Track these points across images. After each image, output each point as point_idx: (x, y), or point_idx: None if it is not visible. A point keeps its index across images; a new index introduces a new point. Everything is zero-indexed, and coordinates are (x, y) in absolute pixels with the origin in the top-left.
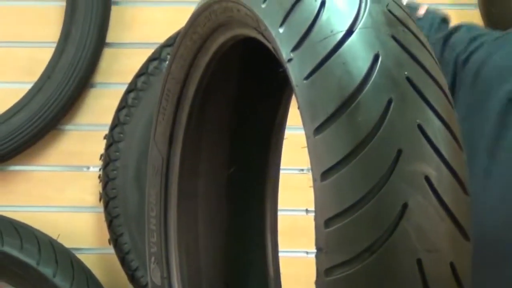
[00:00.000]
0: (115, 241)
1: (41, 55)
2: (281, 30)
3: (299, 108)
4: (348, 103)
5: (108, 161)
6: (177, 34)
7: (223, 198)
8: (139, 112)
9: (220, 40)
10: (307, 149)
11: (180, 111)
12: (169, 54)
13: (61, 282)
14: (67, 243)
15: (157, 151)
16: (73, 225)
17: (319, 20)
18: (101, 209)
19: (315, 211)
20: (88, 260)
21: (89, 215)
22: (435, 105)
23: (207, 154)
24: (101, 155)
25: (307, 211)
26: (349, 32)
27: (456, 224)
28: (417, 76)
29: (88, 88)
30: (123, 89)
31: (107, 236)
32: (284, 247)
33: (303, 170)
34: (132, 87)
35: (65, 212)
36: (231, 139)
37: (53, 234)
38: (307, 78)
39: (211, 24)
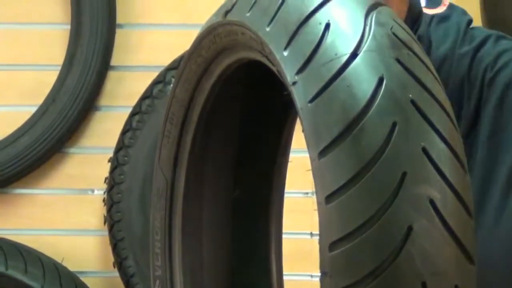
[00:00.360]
0: (120, 264)
1: (46, 78)
2: (286, 53)
3: (303, 131)
4: (352, 126)
5: (112, 184)
6: (181, 57)
7: (228, 221)
8: (143, 135)
9: (224, 63)
10: (311, 172)
11: (184, 134)
12: (173, 77)
13: None
14: (72, 266)
15: (161, 174)
16: (78, 248)
17: (323, 43)
18: (106, 232)
19: (320, 235)
20: (92, 283)
21: (94, 238)
22: (440, 128)
23: (211, 177)
24: (106, 178)
25: (312, 235)
26: (354, 55)
27: (460, 247)
28: (422, 99)
29: (92, 111)
30: (127, 112)
31: (112, 259)
32: (288, 271)
33: (307, 193)
34: (136, 110)
35: (70, 235)
36: (235, 162)
37: (58, 257)
38: (311, 101)
39: (216, 47)
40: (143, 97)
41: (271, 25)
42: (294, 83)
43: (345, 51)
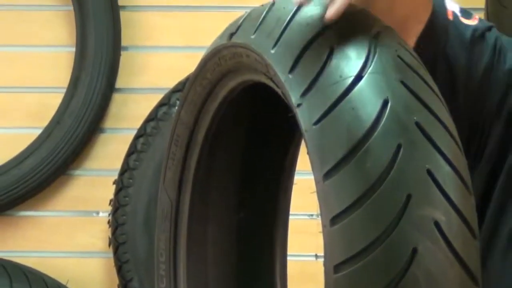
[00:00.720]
0: (125, 286)
1: (51, 100)
2: (291, 75)
3: (308, 153)
4: (357, 148)
5: (117, 206)
6: (186, 79)
7: (233, 243)
8: (148, 157)
9: (229, 85)
10: (316, 194)
11: (189, 156)
12: (178, 99)
13: None
14: None
15: (166, 196)
16: (83, 270)
17: (328, 65)
18: (111, 255)
19: (325, 257)
20: None
21: (99, 261)
22: (444, 150)
23: (216, 199)
24: (111, 200)
25: (317, 257)
26: (359, 77)
27: (465, 269)
28: (426, 121)
29: (97, 133)
30: (132, 134)
31: (117, 281)
32: None
33: (312, 215)
34: (141, 133)
35: (75, 257)
36: (240, 184)
37: (63, 279)
38: (316, 123)
39: (221, 69)
40: (148, 120)
41: (276, 48)
42: (299, 105)
43: (350, 74)
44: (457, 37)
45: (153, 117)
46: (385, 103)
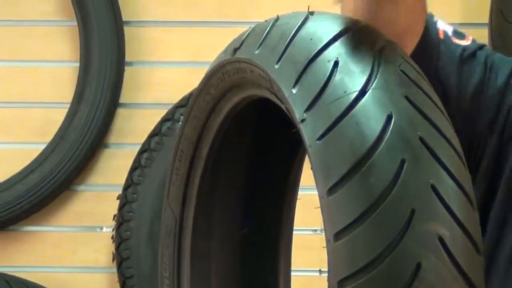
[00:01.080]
0: None
1: (55, 115)
2: (294, 90)
3: (312, 168)
4: (361, 163)
5: (121, 221)
6: (190, 94)
7: (236, 258)
8: (152, 172)
9: (233, 100)
10: (320, 209)
11: (193, 171)
12: (182, 114)
13: None
14: None
15: (170, 211)
16: (86, 285)
17: (332, 80)
18: (114, 270)
19: (329, 272)
20: None
21: (102, 276)
22: (448, 165)
23: (220, 214)
24: (114, 216)
25: (321, 272)
26: (362, 92)
27: (469, 284)
28: (430, 136)
29: (101, 148)
30: (136, 150)
31: None
32: None
33: (316, 230)
34: (145, 148)
35: (78, 272)
36: (244, 199)
37: None
38: (320, 138)
39: (224, 85)
40: (152, 135)
41: (279, 63)
42: (302, 121)
43: (354, 89)
44: (447, 55)
45: (157, 132)
46: (389, 118)
